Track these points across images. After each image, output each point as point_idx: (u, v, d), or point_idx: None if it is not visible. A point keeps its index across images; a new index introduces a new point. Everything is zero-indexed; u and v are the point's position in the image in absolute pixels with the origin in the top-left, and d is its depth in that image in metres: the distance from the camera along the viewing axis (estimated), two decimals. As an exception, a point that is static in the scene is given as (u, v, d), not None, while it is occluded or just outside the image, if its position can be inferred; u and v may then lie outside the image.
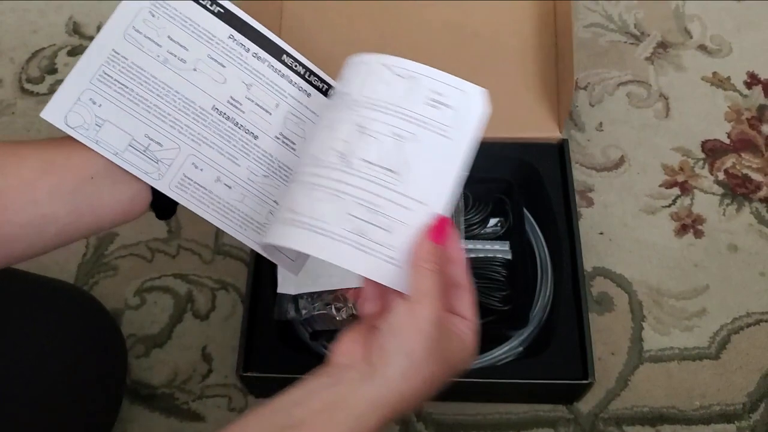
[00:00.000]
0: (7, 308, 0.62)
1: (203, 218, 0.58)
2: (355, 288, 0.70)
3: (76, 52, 1.05)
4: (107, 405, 0.73)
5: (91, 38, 1.06)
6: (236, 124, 0.57)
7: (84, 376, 0.67)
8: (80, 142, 0.53)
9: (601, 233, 0.90)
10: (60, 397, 0.63)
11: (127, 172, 0.54)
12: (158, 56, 0.55)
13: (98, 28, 1.06)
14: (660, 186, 0.93)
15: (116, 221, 0.57)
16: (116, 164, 0.54)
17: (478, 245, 0.77)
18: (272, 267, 0.78)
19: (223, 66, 0.57)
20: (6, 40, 1.06)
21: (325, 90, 0.60)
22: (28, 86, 1.02)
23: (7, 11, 1.09)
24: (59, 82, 1.03)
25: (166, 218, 0.60)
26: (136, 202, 0.57)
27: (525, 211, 0.81)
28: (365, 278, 0.50)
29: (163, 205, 0.59)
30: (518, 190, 0.81)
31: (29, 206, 0.51)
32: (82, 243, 0.89)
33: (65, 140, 0.53)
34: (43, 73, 1.03)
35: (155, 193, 0.57)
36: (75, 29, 1.07)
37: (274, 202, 0.59)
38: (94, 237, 0.90)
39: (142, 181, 0.55)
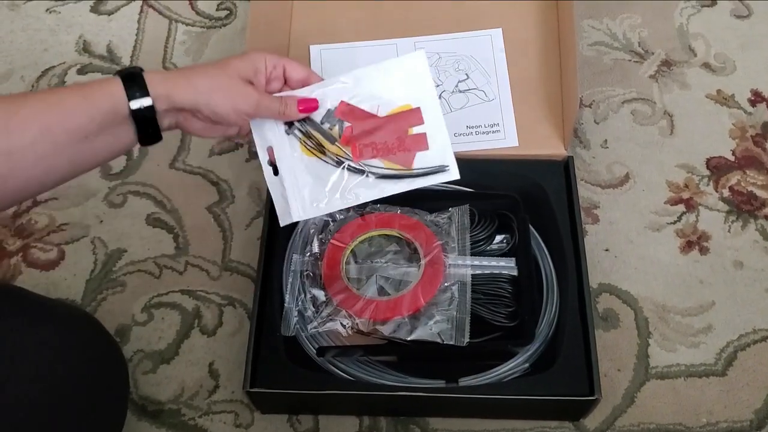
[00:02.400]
0: (4, 329, 0.62)
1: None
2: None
3: (85, 70, 1.06)
4: (110, 424, 0.73)
5: (100, 57, 1.07)
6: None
7: (84, 396, 0.66)
8: (72, 103, 0.60)
9: (607, 250, 0.90)
10: (59, 417, 0.63)
11: (118, 129, 0.63)
12: None
13: (107, 47, 1.08)
14: (665, 203, 0.93)
15: (107, 161, 0.72)
16: (106, 124, 0.62)
17: (484, 262, 0.77)
18: (279, 283, 0.78)
19: None
20: (17, 58, 1.08)
21: None
22: (38, 104, 1.03)
23: (18, 30, 1.11)
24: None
25: (152, 144, 0.68)
26: (126, 146, 0.66)
27: (531, 227, 0.81)
28: None
29: (152, 139, 0.67)
30: (524, 207, 0.81)
31: (37, 162, 0.59)
32: (90, 260, 0.90)
33: (56, 101, 0.60)
34: (53, 92, 1.04)
35: (145, 133, 0.65)
36: (85, 48, 1.09)
37: None
38: (102, 253, 0.90)
39: (131, 133, 0.65)
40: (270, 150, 0.75)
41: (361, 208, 0.80)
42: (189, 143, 0.99)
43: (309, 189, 0.74)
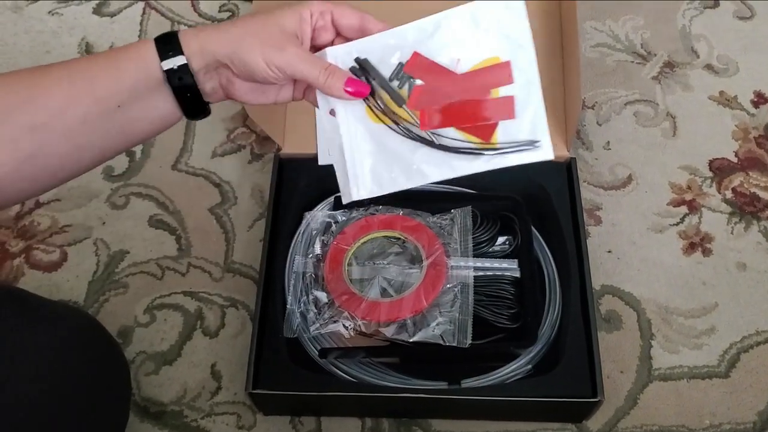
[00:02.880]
0: (5, 330, 0.62)
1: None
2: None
3: (88, 72, 1.06)
4: (112, 425, 0.73)
5: (103, 59, 1.07)
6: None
7: (85, 397, 0.66)
8: (100, 72, 0.55)
9: (609, 251, 0.90)
10: (60, 419, 0.63)
11: (153, 96, 0.57)
12: None
13: (110, 49, 1.08)
14: (668, 204, 0.93)
15: (149, 136, 0.61)
16: (139, 90, 0.56)
17: (487, 263, 0.77)
18: (281, 284, 0.78)
19: None
20: (20, 60, 1.08)
21: None
22: (41, 106, 1.03)
23: (21, 32, 1.11)
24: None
25: (200, 118, 0.62)
26: (167, 118, 0.59)
27: (533, 229, 0.81)
28: None
29: (197, 110, 0.60)
30: (526, 208, 0.81)
31: (65, 138, 0.54)
32: (92, 261, 0.90)
33: (83, 69, 0.55)
34: (55, 93, 1.05)
35: (187, 101, 0.58)
36: (87, 50, 1.09)
37: None
38: (104, 255, 0.90)
39: (170, 101, 0.58)
40: (333, 114, 0.63)
41: (364, 209, 0.80)
42: (191, 144, 0.99)
43: (372, 162, 0.63)
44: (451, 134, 0.61)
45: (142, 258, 0.91)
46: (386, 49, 0.61)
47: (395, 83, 0.61)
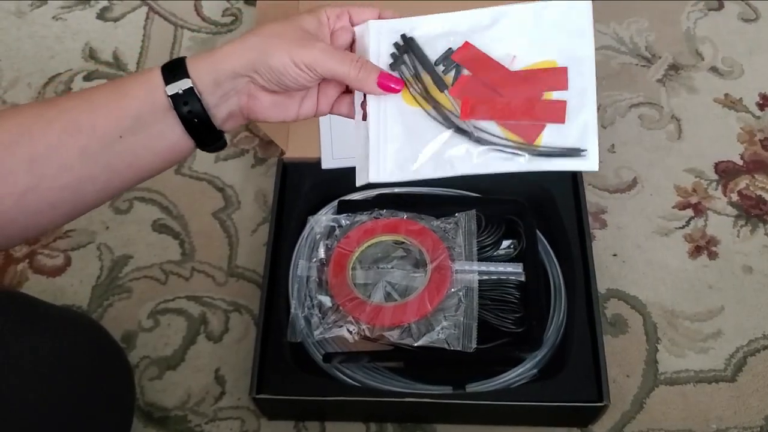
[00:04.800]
0: (8, 335, 0.62)
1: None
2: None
3: (92, 77, 1.06)
4: (116, 430, 0.73)
5: (107, 63, 1.08)
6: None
7: (89, 402, 0.66)
8: (102, 99, 0.53)
9: (615, 255, 0.89)
10: (64, 424, 0.63)
11: (159, 125, 0.54)
12: None
13: (114, 54, 1.08)
14: (673, 207, 0.93)
15: (159, 170, 0.58)
16: (143, 119, 0.53)
17: (491, 267, 0.77)
18: (285, 289, 0.78)
19: None
20: (24, 65, 1.08)
21: None
22: (44, 111, 1.03)
23: (24, 37, 1.11)
24: (75, 106, 1.04)
25: (215, 150, 0.60)
26: (177, 150, 0.57)
27: (538, 232, 0.81)
28: None
29: (212, 141, 0.58)
30: (531, 211, 0.81)
31: (63, 171, 0.52)
32: (96, 266, 0.90)
33: (86, 97, 0.54)
34: (59, 98, 1.05)
35: (196, 129, 0.56)
36: (91, 55, 1.09)
37: None
38: (108, 259, 0.90)
39: (178, 130, 0.55)
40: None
41: (368, 213, 0.80)
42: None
43: (398, 145, 0.59)
44: (492, 129, 0.58)
45: (146, 263, 0.90)
46: (435, 32, 0.59)
47: (440, 68, 0.58)
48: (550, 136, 0.57)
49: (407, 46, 0.59)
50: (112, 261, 0.91)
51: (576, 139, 0.57)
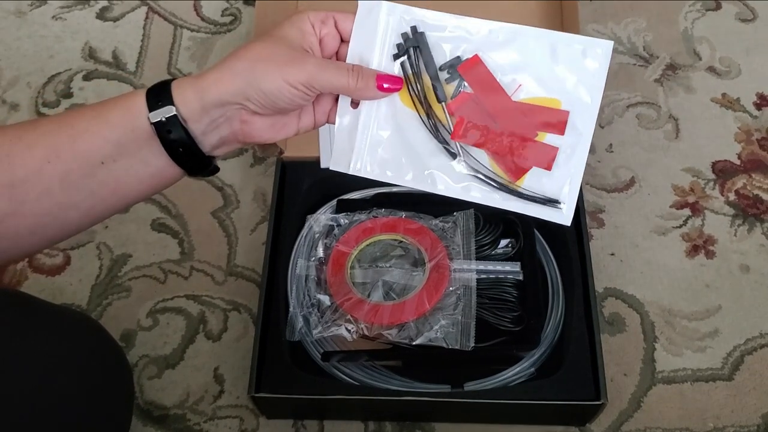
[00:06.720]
0: (7, 334, 0.62)
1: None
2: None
3: (91, 76, 1.07)
4: (115, 429, 0.73)
5: (106, 63, 1.08)
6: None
7: (88, 401, 0.66)
8: (84, 124, 0.51)
9: (612, 254, 0.90)
10: (63, 423, 0.63)
11: (142, 151, 0.52)
12: None
13: (113, 53, 1.08)
14: (671, 207, 0.93)
15: (147, 195, 0.56)
16: (125, 145, 0.51)
17: (489, 266, 0.77)
18: (284, 288, 0.78)
19: None
20: (23, 65, 1.08)
21: None
22: (44, 110, 1.04)
23: (24, 37, 1.11)
24: (74, 106, 1.04)
25: (205, 176, 0.58)
26: (163, 176, 0.55)
27: (536, 232, 0.81)
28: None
29: (200, 168, 0.56)
30: (529, 211, 0.81)
31: (44, 197, 0.51)
32: (95, 265, 0.90)
33: (68, 121, 0.52)
34: (58, 98, 1.05)
35: (182, 157, 0.53)
36: (90, 54, 1.09)
37: None
38: (107, 258, 0.90)
39: (162, 158, 0.53)
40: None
41: (367, 212, 0.80)
42: (194, 149, 0.99)
43: (384, 146, 0.59)
44: (480, 156, 0.58)
45: (145, 262, 0.91)
46: (446, 34, 0.56)
47: (444, 74, 0.57)
48: (533, 179, 0.57)
49: (416, 41, 0.57)
50: (112, 260, 0.91)
51: (557, 189, 0.57)
